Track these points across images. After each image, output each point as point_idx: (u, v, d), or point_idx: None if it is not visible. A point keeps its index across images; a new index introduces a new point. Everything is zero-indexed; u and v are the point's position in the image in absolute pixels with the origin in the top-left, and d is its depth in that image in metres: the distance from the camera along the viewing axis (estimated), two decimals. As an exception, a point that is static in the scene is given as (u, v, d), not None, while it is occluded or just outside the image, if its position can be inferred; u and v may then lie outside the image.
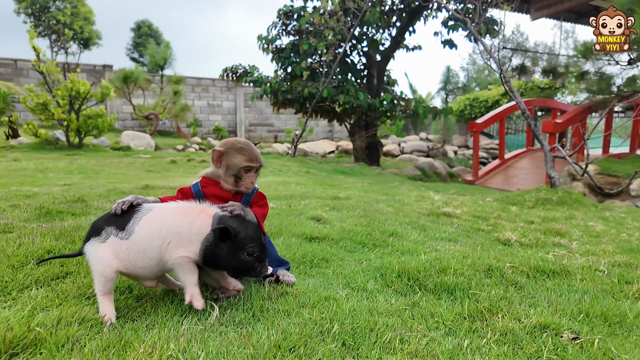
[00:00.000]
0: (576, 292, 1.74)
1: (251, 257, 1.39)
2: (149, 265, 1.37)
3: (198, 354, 1.09)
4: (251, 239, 1.39)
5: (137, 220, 1.37)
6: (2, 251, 1.89)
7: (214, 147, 1.70)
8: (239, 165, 1.62)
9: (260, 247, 1.41)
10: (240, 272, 1.46)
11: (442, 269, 1.86)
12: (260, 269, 1.43)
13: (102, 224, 1.39)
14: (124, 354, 1.11)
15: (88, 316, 1.33)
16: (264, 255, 1.43)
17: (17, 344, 1.13)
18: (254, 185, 1.67)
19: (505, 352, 1.20)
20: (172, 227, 1.36)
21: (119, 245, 1.35)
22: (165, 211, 1.41)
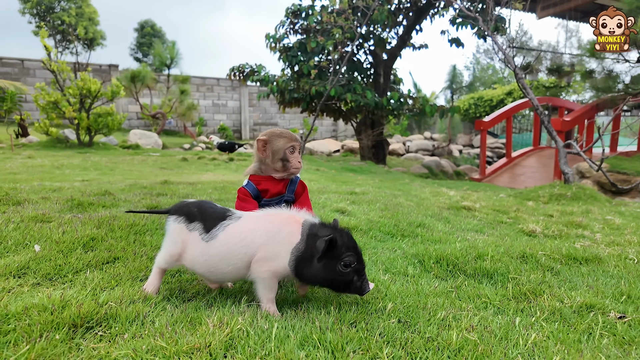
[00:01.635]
0: (612, 277, 1.77)
1: (348, 269, 1.24)
2: (228, 270, 1.34)
3: (266, 327, 1.14)
4: (347, 248, 1.25)
5: (223, 227, 1.34)
6: (48, 237, 1.95)
7: (257, 138, 1.77)
8: (283, 147, 1.71)
9: (357, 257, 1.26)
10: (337, 286, 1.29)
11: (478, 256, 1.90)
12: (360, 283, 1.27)
13: (196, 214, 1.37)
14: (193, 328, 1.16)
15: (149, 295, 1.38)
16: (362, 266, 1.28)
17: (90, 318, 1.18)
18: (301, 164, 1.74)
19: (557, 328, 1.24)
20: (259, 236, 1.31)
21: (197, 243, 1.35)
22: (252, 220, 1.36)
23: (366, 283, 1.28)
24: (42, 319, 1.13)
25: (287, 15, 11.88)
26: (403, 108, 12.06)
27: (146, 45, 29.92)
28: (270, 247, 1.29)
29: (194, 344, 1.04)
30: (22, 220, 2.26)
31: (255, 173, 1.82)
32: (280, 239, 1.29)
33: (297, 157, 1.74)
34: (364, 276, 1.28)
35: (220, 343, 1.05)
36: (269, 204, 1.79)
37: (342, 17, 10.73)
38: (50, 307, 1.19)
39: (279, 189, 1.79)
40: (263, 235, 1.31)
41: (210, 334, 1.09)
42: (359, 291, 1.28)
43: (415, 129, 25.53)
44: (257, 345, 1.04)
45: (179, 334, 1.10)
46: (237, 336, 1.09)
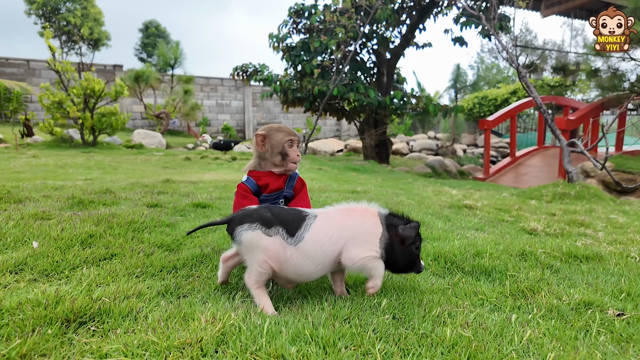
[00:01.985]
0: (612, 275, 1.75)
1: (417, 251, 1.40)
2: (315, 270, 1.33)
3: (258, 322, 1.13)
4: (418, 234, 1.40)
5: (307, 227, 1.33)
6: (47, 234, 1.96)
7: (256, 133, 1.77)
8: (282, 141, 1.71)
9: (420, 238, 1.42)
10: (409, 267, 1.44)
11: (477, 253, 1.88)
12: (420, 263, 1.43)
13: (272, 219, 1.32)
14: (186, 323, 1.16)
15: (144, 291, 1.38)
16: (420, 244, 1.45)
17: (83, 313, 1.18)
18: (300, 158, 1.75)
19: (554, 325, 1.22)
20: (344, 231, 1.34)
21: (283, 248, 1.31)
22: (331, 217, 1.38)
23: (421, 262, 1.45)
24: (35, 314, 1.14)
25: (290, 15, 11.89)
26: (406, 107, 12.03)
27: (151, 46, 30.06)
28: (360, 238, 1.34)
29: (185, 339, 1.04)
30: (22, 218, 2.27)
31: (254, 169, 1.83)
32: (367, 230, 1.36)
33: (296, 151, 1.74)
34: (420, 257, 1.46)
35: (212, 338, 1.05)
36: (267, 199, 1.79)
37: (345, 17, 10.72)
38: (44, 302, 1.20)
39: (279, 184, 1.79)
40: (349, 229, 1.34)
41: (202, 329, 1.08)
42: (420, 268, 1.44)
43: (419, 128, 25.45)
44: (249, 340, 1.04)
45: (171, 329, 1.10)
46: (229, 331, 1.08)
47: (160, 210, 2.78)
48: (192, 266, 1.72)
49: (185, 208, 2.92)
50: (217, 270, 1.68)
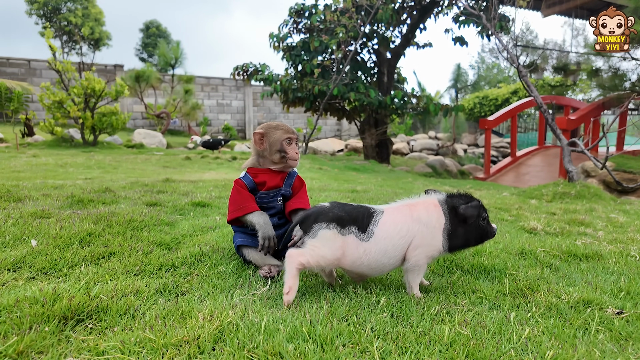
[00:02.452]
0: (612, 274, 1.75)
1: (485, 221, 1.45)
2: (387, 263, 1.38)
3: (256, 320, 1.13)
4: (480, 205, 1.44)
5: (376, 223, 1.37)
6: (46, 232, 1.96)
7: (254, 131, 1.77)
8: (280, 139, 1.71)
9: (484, 209, 1.46)
10: (481, 240, 1.48)
11: (476, 252, 1.88)
12: (490, 228, 1.48)
13: (346, 218, 1.35)
14: (183, 321, 1.15)
15: (142, 288, 1.38)
16: (487, 215, 1.48)
17: (81, 310, 1.17)
18: (298, 156, 1.74)
19: (553, 324, 1.22)
20: (412, 225, 1.37)
21: (356, 245, 1.35)
22: (396, 211, 1.41)
23: (491, 226, 1.48)
24: (32, 312, 1.13)
25: (290, 15, 11.89)
26: (407, 107, 12.01)
27: (151, 46, 30.07)
28: (427, 233, 1.37)
29: (182, 337, 1.04)
30: (21, 216, 2.27)
31: (253, 166, 1.83)
32: (433, 224, 1.39)
33: (295, 149, 1.74)
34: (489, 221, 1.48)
35: (209, 336, 1.04)
36: (265, 197, 1.79)
37: (346, 16, 10.72)
38: (42, 300, 1.19)
39: (277, 182, 1.79)
40: (416, 224, 1.37)
41: (199, 327, 1.08)
42: (493, 234, 1.48)
43: (419, 128, 25.44)
44: (246, 338, 1.03)
45: (169, 327, 1.10)
46: (226, 329, 1.08)
47: (159, 209, 2.78)
48: (191, 264, 1.72)
49: (185, 207, 2.92)
50: (215, 268, 1.68)
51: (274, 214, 1.82)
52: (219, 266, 1.70)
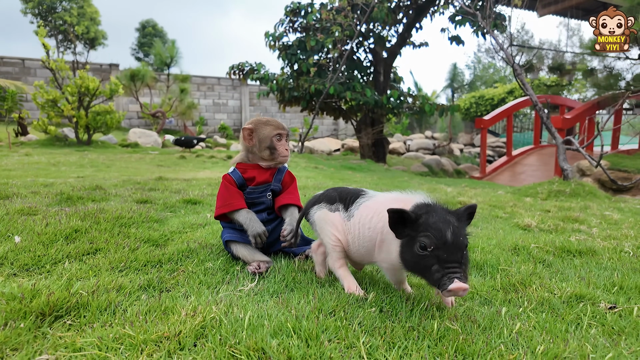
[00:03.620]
0: (605, 269, 1.73)
1: (425, 252, 1.09)
2: (363, 252, 1.33)
3: (240, 316, 1.10)
4: (428, 227, 1.10)
5: (358, 205, 1.33)
6: (31, 229, 1.91)
7: (243, 127, 1.74)
8: (269, 135, 1.68)
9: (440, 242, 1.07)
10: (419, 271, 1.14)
11: (469, 247, 1.85)
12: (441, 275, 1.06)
13: (335, 197, 1.40)
14: (166, 317, 1.12)
15: (125, 284, 1.34)
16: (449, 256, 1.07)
17: (60, 306, 1.14)
18: (289, 152, 1.71)
19: (544, 318, 1.19)
20: (379, 220, 1.25)
21: (342, 222, 1.36)
22: (379, 200, 1.32)
23: (449, 278, 1.02)
24: (9, 308, 1.10)
25: (286, 14, 11.85)
26: (403, 106, 12.01)
27: (147, 45, 29.93)
28: (387, 235, 1.21)
29: (163, 333, 1.00)
30: (7, 213, 2.23)
31: (242, 161, 1.80)
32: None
33: (285, 145, 1.71)
34: (451, 270, 1.04)
35: (191, 332, 1.01)
36: (254, 192, 1.76)
37: (342, 15, 10.69)
38: (19, 296, 1.16)
39: (266, 177, 1.76)
40: (382, 220, 1.23)
41: (181, 323, 1.05)
42: (438, 284, 1.05)
43: (416, 128, 25.47)
44: (229, 333, 1.00)
45: (150, 323, 1.06)
46: (209, 325, 1.05)
47: (149, 206, 2.74)
48: (178, 261, 1.68)
49: (176, 204, 2.88)
50: (203, 264, 1.64)
51: (263, 209, 1.78)
52: (207, 262, 1.66)
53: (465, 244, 1.10)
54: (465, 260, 1.09)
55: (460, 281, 1.01)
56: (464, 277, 1.03)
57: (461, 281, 1.01)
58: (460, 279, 1.02)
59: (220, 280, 1.49)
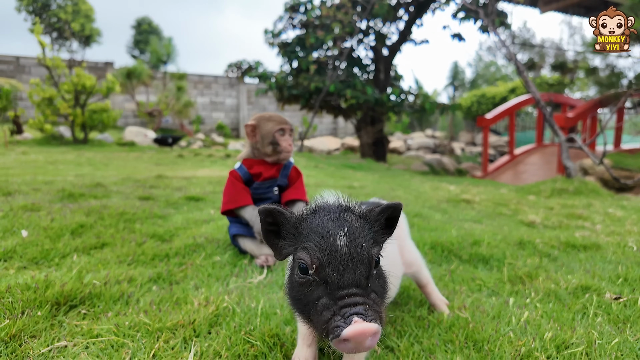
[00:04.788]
0: (610, 263, 1.74)
1: (305, 277, 0.71)
2: None
3: (252, 305, 1.11)
4: (311, 233, 0.75)
5: None
6: (37, 224, 1.92)
7: (246, 124, 1.75)
8: (272, 130, 1.69)
9: (333, 257, 0.70)
10: (302, 311, 0.77)
11: (475, 242, 1.87)
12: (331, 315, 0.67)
13: None
14: (178, 307, 1.13)
15: (135, 276, 1.35)
16: (343, 281, 0.69)
17: (74, 296, 1.15)
18: (292, 147, 1.72)
19: (551, 308, 1.21)
20: None
21: None
22: None
23: (343, 316, 0.63)
24: (24, 297, 1.10)
25: (286, 10, 11.83)
26: (403, 105, 12.01)
27: (143, 43, 29.80)
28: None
29: (177, 321, 1.01)
30: (11, 209, 2.23)
31: (248, 157, 1.81)
32: None
33: (288, 140, 1.71)
34: (346, 301, 0.65)
35: (205, 320, 1.02)
36: (261, 187, 1.77)
37: (342, 12, 10.69)
38: (34, 287, 1.16)
39: (272, 173, 1.77)
40: None
41: (195, 312, 1.06)
42: (326, 331, 0.65)
43: (416, 127, 25.50)
44: (243, 321, 1.01)
45: (164, 312, 1.07)
46: (222, 314, 1.06)
47: (152, 203, 2.75)
48: (185, 255, 1.69)
49: (178, 201, 2.88)
50: (210, 258, 1.65)
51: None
52: (214, 256, 1.67)
53: (371, 255, 0.71)
54: (374, 282, 0.71)
55: (362, 319, 0.62)
56: (372, 312, 0.64)
57: (364, 319, 0.62)
58: (363, 316, 0.62)
59: (229, 273, 1.50)
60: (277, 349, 0.91)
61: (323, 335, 0.65)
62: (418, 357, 0.93)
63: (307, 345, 0.86)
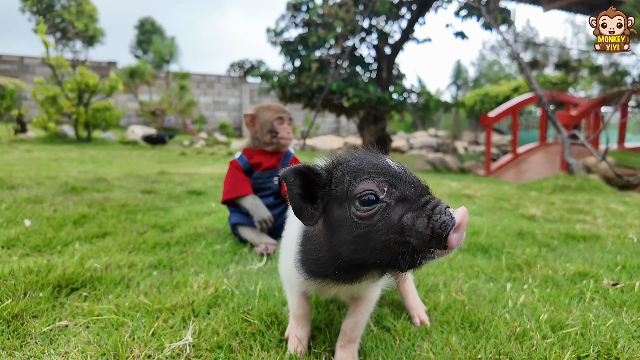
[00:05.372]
0: (609, 253, 1.74)
1: (375, 206, 0.67)
2: None
3: (251, 288, 1.12)
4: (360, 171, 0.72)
5: None
6: (40, 215, 1.94)
7: (245, 114, 1.76)
8: (270, 119, 1.70)
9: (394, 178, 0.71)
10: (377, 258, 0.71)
11: (474, 232, 1.88)
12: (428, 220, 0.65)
13: None
14: (178, 290, 1.14)
15: (136, 262, 1.37)
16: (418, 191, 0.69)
17: (75, 280, 1.16)
18: (291, 135, 1.73)
19: (548, 293, 1.22)
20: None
21: None
22: None
23: (440, 212, 0.65)
24: (27, 280, 1.12)
25: (288, 9, 11.85)
26: (406, 103, 12.00)
27: (146, 43, 29.90)
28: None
29: (177, 302, 1.03)
30: (14, 201, 2.25)
31: (248, 147, 1.82)
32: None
33: (286, 129, 1.72)
34: (433, 202, 0.67)
35: (204, 301, 1.04)
36: (261, 177, 1.78)
37: (344, 10, 10.69)
38: (36, 270, 1.18)
39: (272, 162, 1.78)
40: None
41: (194, 294, 1.07)
42: (427, 236, 0.63)
43: (419, 126, 25.46)
44: (241, 301, 1.03)
45: (163, 295, 1.09)
46: (221, 295, 1.07)
47: (154, 196, 2.77)
48: (186, 243, 1.70)
49: (180, 195, 2.90)
50: (211, 247, 1.67)
51: (270, 194, 1.81)
52: (215, 245, 1.69)
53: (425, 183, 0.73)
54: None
55: (453, 210, 0.65)
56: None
57: (454, 209, 0.66)
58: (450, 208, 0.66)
59: (229, 260, 1.51)
60: (274, 327, 0.93)
61: (427, 244, 0.62)
62: (414, 337, 0.94)
63: (301, 326, 0.87)
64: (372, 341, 0.91)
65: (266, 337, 0.90)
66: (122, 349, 0.83)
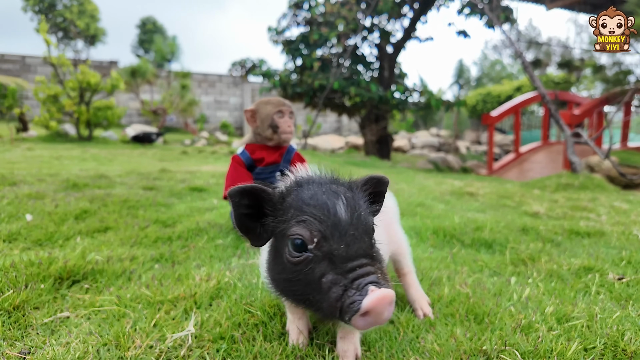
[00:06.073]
0: (614, 248, 1.73)
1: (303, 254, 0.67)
2: None
3: (254, 281, 1.11)
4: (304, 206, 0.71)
5: None
6: (41, 210, 1.94)
7: (245, 109, 1.76)
8: (270, 113, 1.69)
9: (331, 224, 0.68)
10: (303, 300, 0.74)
11: (477, 228, 1.86)
12: (343, 290, 0.62)
13: None
14: (180, 282, 1.14)
15: (137, 256, 1.36)
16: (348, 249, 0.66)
17: (76, 272, 1.16)
18: (292, 129, 1.72)
19: (553, 286, 1.20)
20: None
21: None
22: None
23: (358, 289, 0.60)
24: (28, 272, 1.12)
25: (290, 7, 11.84)
26: (408, 102, 11.98)
27: (147, 42, 29.92)
28: None
29: (179, 294, 1.02)
30: (16, 197, 2.25)
31: (250, 142, 1.81)
32: None
33: (287, 122, 1.71)
34: (358, 272, 0.62)
35: (206, 293, 1.03)
36: (263, 172, 1.78)
37: (346, 8, 10.68)
38: (37, 262, 1.18)
39: (274, 158, 1.77)
40: None
41: (196, 286, 1.07)
42: (340, 309, 0.60)
43: (421, 125, 25.42)
44: (244, 293, 1.02)
45: (165, 287, 1.08)
46: (223, 287, 1.07)
47: (155, 192, 2.76)
48: (188, 238, 1.70)
49: (182, 191, 2.90)
50: (213, 241, 1.66)
51: (273, 189, 1.80)
52: (216, 239, 1.68)
53: (371, 224, 0.68)
54: (377, 251, 0.68)
55: (377, 287, 0.59)
56: (383, 280, 0.62)
57: (379, 287, 0.59)
58: (378, 284, 0.60)
59: (231, 254, 1.51)
60: (277, 318, 0.92)
61: (336, 315, 0.59)
62: (418, 329, 0.93)
63: (299, 318, 0.86)
64: (375, 333, 0.90)
65: (269, 328, 0.89)
66: (124, 340, 0.82)
